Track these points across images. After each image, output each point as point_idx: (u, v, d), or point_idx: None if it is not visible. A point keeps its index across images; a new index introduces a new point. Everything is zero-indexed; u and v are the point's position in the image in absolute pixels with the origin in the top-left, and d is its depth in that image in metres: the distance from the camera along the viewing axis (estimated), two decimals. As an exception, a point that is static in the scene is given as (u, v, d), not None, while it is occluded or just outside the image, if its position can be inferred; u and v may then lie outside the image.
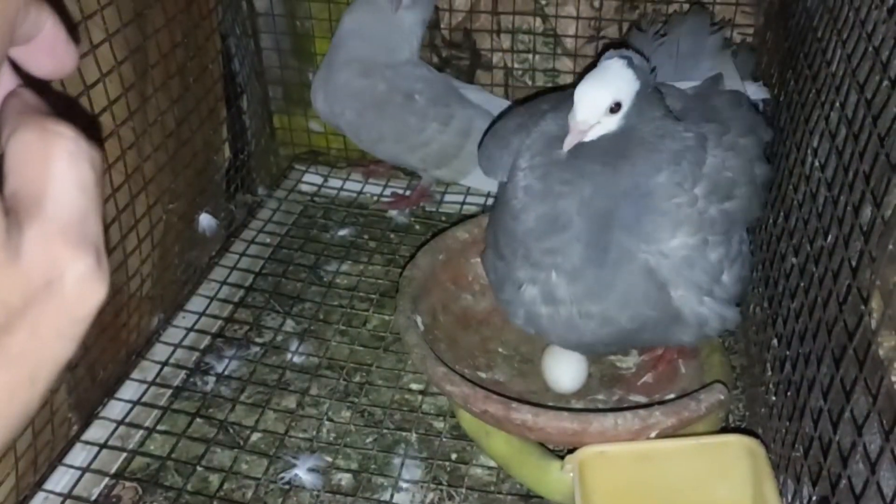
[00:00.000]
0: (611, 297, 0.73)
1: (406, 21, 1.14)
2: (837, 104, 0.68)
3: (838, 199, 0.63)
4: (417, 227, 1.23)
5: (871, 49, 0.61)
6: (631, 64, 0.72)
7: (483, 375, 0.90)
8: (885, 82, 0.57)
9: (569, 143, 0.70)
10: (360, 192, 1.29)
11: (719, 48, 0.93)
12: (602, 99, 0.70)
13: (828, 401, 0.59)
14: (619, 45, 0.86)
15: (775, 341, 0.78)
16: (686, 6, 1.17)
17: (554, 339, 0.82)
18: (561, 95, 0.82)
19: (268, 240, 1.19)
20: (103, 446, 0.87)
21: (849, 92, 0.65)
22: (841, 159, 0.64)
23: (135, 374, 0.95)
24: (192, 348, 1.00)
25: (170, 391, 0.94)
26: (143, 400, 0.92)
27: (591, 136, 0.71)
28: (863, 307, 0.55)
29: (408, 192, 1.28)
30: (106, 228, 0.85)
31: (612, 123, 0.71)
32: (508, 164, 0.79)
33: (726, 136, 0.78)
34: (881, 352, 0.54)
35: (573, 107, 0.71)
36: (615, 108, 0.71)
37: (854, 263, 0.56)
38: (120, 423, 0.89)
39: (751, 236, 0.85)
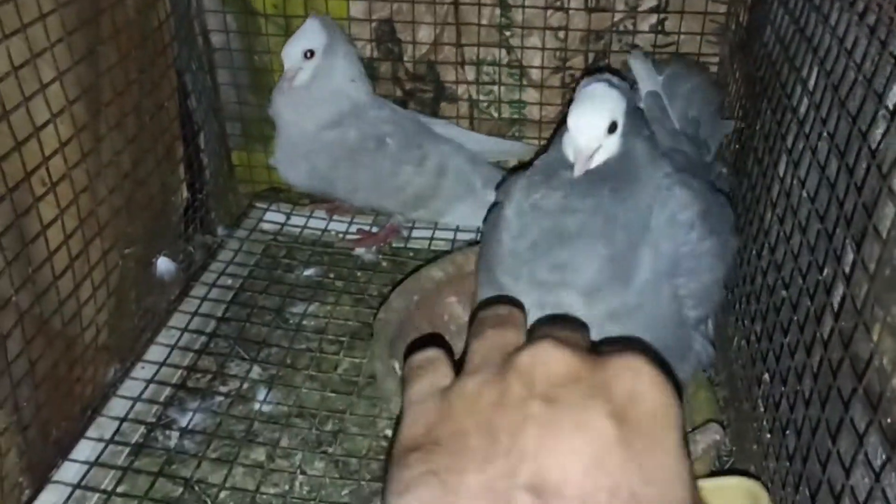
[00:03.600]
0: (638, 317, 0.68)
1: (332, 83, 1.09)
2: (825, 134, 0.66)
3: (834, 232, 0.61)
4: (385, 264, 1.19)
5: (862, 78, 0.60)
6: (613, 84, 0.70)
7: (464, 421, 0.86)
8: (882, 111, 0.56)
9: (579, 170, 0.66)
10: (324, 230, 1.25)
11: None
12: (600, 121, 0.67)
13: (836, 443, 0.56)
14: (592, 72, 0.85)
15: (766, 377, 0.76)
16: (651, 36, 1.17)
17: None
18: None
19: (230, 282, 1.14)
20: (58, 513, 0.80)
21: (839, 122, 0.63)
22: (834, 191, 0.62)
23: (91, 432, 0.89)
24: (152, 401, 0.94)
25: (129, 449, 0.88)
26: (101, 460, 0.86)
27: (596, 162, 0.68)
28: (872, 345, 0.53)
29: (374, 229, 1.24)
30: (59, 276, 0.80)
31: (613, 145, 0.68)
32: None
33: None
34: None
35: (569, 136, 0.68)
36: (612, 128, 0.68)
37: (859, 302, 0.54)
38: (76, 486, 0.83)
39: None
